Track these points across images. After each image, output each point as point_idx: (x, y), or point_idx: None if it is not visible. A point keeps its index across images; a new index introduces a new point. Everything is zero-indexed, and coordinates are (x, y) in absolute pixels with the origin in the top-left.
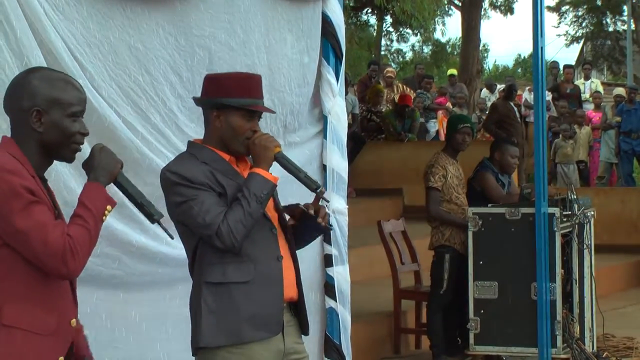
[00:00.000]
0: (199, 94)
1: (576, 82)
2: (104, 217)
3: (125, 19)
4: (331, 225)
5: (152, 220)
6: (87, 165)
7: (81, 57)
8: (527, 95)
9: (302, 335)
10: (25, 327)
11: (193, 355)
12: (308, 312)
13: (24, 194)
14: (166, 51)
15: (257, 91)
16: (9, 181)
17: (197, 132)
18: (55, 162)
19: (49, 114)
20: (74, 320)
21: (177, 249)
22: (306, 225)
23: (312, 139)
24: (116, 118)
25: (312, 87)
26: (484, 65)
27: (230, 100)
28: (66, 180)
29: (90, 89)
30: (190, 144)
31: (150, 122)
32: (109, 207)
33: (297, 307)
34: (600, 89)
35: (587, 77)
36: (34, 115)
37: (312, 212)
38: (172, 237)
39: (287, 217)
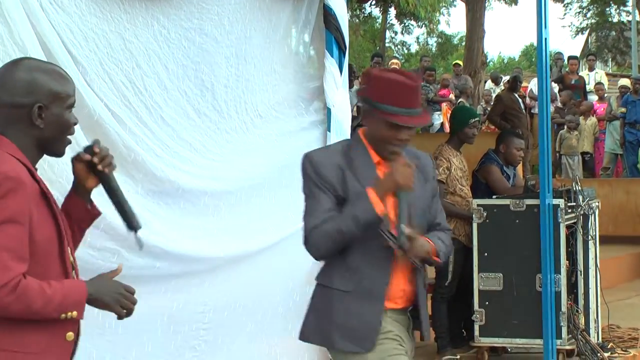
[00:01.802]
0: (184, 86)
1: (580, 74)
2: (61, 315)
3: (123, 12)
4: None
5: (130, 229)
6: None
7: (75, 51)
8: (532, 87)
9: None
10: (9, 348)
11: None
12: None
13: (14, 211)
14: (157, 44)
15: (412, 101)
16: (5, 192)
17: (181, 124)
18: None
19: (50, 109)
20: (70, 333)
21: (174, 242)
22: None
23: (308, 129)
24: (105, 112)
25: (305, 77)
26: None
27: (382, 106)
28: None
29: (82, 83)
30: (355, 133)
31: (137, 115)
32: (72, 313)
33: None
34: (604, 80)
35: (591, 69)
36: (37, 111)
37: None
38: (141, 247)
39: None
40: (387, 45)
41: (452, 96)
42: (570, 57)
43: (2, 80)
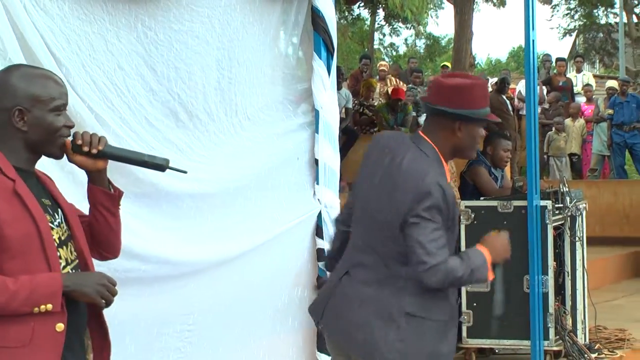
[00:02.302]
0: (174, 89)
1: (568, 75)
2: (34, 309)
3: (106, 14)
4: None
5: (164, 169)
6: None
7: (59, 53)
8: (520, 88)
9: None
10: None
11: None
12: (299, 307)
13: None
14: (142, 46)
15: (488, 99)
16: None
17: (168, 125)
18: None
19: (31, 112)
20: (60, 324)
21: (158, 245)
22: None
23: (297, 131)
24: (88, 114)
25: (294, 79)
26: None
27: (479, 112)
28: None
29: (68, 87)
30: (433, 150)
31: (120, 117)
32: (47, 306)
33: None
34: (592, 81)
35: (579, 70)
36: (17, 114)
37: None
38: (185, 172)
39: None
40: (375, 47)
41: None
42: (558, 59)
43: None
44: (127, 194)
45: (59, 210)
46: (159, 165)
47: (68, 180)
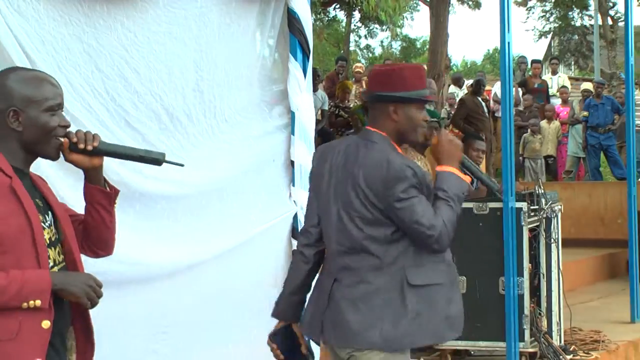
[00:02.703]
0: (157, 90)
1: (544, 77)
2: (22, 304)
3: (82, 15)
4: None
5: (160, 163)
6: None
7: (33, 55)
8: (496, 90)
9: None
10: None
11: (357, 346)
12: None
13: None
14: (123, 47)
15: (425, 81)
16: None
17: (149, 127)
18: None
19: (25, 112)
20: (46, 322)
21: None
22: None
23: (273, 133)
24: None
25: (269, 81)
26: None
27: (411, 93)
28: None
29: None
30: (378, 136)
31: (98, 118)
32: (35, 302)
33: None
34: (567, 83)
35: (554, 72)
36: (11, 115)
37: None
38: (182, 165)
39: None
40: (351, 49)
41: None
42: (533, 61)
43: None
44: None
45: (50, 212)
46: (156, 159)
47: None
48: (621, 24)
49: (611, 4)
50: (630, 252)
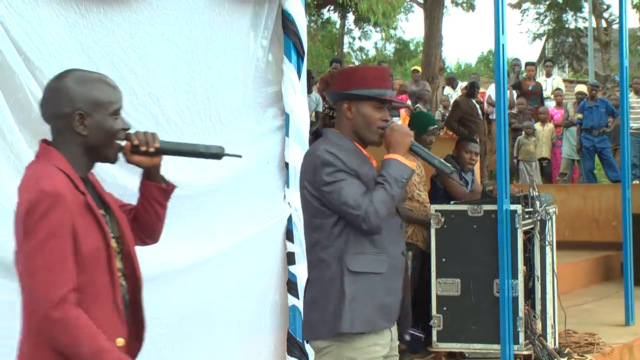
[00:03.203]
0: (154, 91)
1: (538, 80)
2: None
3: (80, 16)
4: None
5: (220, 157)
6: None
7: (33, 56)
8: (490, 93)
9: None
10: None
11: (310, 339)
12: (271, 311)
13: (52, 225)
14: (121, 49)
15: (386, 82)
16: (45, 209)
17: (148, 128)
18: None
19: (92, 117)
20: (120, 339)
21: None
22: None
23: (267, 135)
24: None
25: (264, 82)
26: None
27: (361, 91)
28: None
29: (35, 88)
30: (331, 133)
31: None
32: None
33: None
34: (562, 86)
35: (548, 75)
36: (77, 119)
37: None
38: (240, 156)
39: None
40: (345, 50)
41: (409, 102)
42: (527, 64)
43: (48, 93)
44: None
45: (108, 216)
46: (216, 154)
47: None
48: (615, 26)
49: (605, 7)
50: (624, 254)
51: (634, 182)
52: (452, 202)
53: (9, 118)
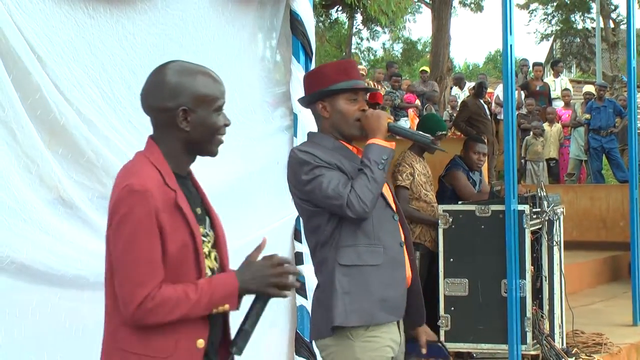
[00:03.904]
0: None
1: (546, 80)
2: (213, 310)
3: (87, 16)
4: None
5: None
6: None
7: (44, 55)
8: (498, 93)
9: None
10: (138, 351)
11: (316, 338)
12: (279, 311)
13: (137, 221)
14: (123, 49)
15: (354, 73)
16: (131, 205)
17: (150, 129)
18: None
19: (196, 112)
20: (201, 340)
21: None
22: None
23: (275, 135)
24: (73, 116)
25: (272, 83)
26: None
27: (331, 87)
28: None
29: (51, 88)
30: (312, 134)
31: (107, 119)
32: (224, 306)
33: (412, 294)
34: (569, 86)
35: (557, 75)
36: (181, 114)
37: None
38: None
39: None
40: (353, 51)
41: (417, 102)
42: (535, 64)
43: (151, 84)
44: (102, 195)
45: (207, 217)
46: (236, 343)
47: None
48: (623, 26)
49: (613, 7)
50: (632, 254)
51: None
52: (459, 202)
53: (22, 117)
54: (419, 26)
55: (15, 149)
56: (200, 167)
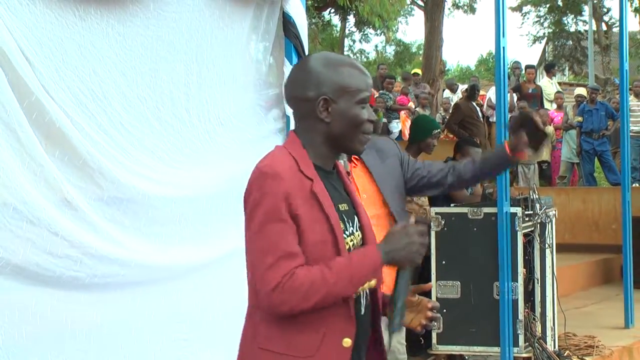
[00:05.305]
0: (143, 94)
1: (539, 82)
2: (360, 287)
3: (78, 19)
4: None
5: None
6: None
7: (32, 58)
8: (491, 95)
9: None
10: (278, 350)
11: None
12: None
13: (270, 208)
14: (113, 51)
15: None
16: (261, 187)
17: (142, 131)
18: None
19: (337, 103)
20: (347, 339)
21: (136, 252)
22: None
23: (268, 137)
24: (65, 119)
25: (265, 85)
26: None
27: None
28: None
29: (41, 91)
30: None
31: (96, 122)
32: (370, 282)
33: None
34: (559, 88)
35: (550, 77)
36: (321, 104)
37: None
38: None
39: None
40: (345, 53)
41: (411, 104)
42: (527, 66)
43: (295, 74)
44: (109, 198)
45: (355, 216)
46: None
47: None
48: (615, 29)
49: (605, 10)
50: (624, 257)
51: (633, 185)
52: (452, 205)
53: (22, 120)
54: (412, 29)
55: (19, 151)
56: (193, 169)
